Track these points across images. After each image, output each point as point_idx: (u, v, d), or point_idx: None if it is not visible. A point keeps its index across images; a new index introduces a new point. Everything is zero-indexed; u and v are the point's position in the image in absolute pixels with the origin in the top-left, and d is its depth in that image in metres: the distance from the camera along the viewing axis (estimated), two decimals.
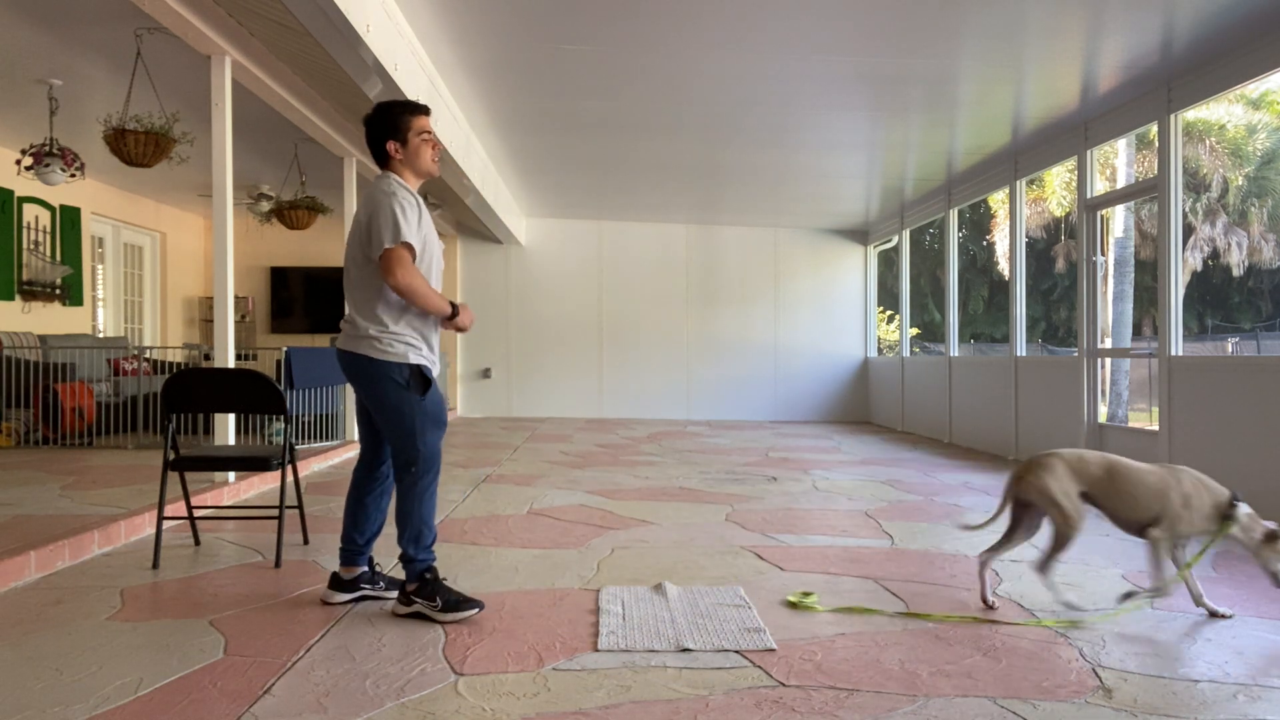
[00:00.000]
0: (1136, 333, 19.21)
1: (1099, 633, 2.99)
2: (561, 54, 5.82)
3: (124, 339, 10.49)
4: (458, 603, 3.06)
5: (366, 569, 3.32)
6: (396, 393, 3.08)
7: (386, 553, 4.06)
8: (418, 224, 3.08)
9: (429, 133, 3.22)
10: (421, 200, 3.19)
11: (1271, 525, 3.15)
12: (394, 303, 3.09)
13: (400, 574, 3.36)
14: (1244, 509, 3.13)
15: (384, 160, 3.20)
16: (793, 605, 3.26)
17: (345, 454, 7.60)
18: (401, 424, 3.10)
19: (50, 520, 4.20)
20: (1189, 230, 20.20)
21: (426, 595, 3.06)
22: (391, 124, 3.17)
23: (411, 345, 3.11)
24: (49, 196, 9.09)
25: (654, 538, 4.45)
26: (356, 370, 3.12)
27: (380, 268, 3.03)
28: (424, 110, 3.23)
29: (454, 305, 3.18)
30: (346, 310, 3.20)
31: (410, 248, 3.02)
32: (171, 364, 9.42)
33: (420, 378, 3.11)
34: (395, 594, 3.25)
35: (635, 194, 10.63)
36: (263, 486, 5.67)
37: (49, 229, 9.17)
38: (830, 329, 12.94)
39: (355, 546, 3.27)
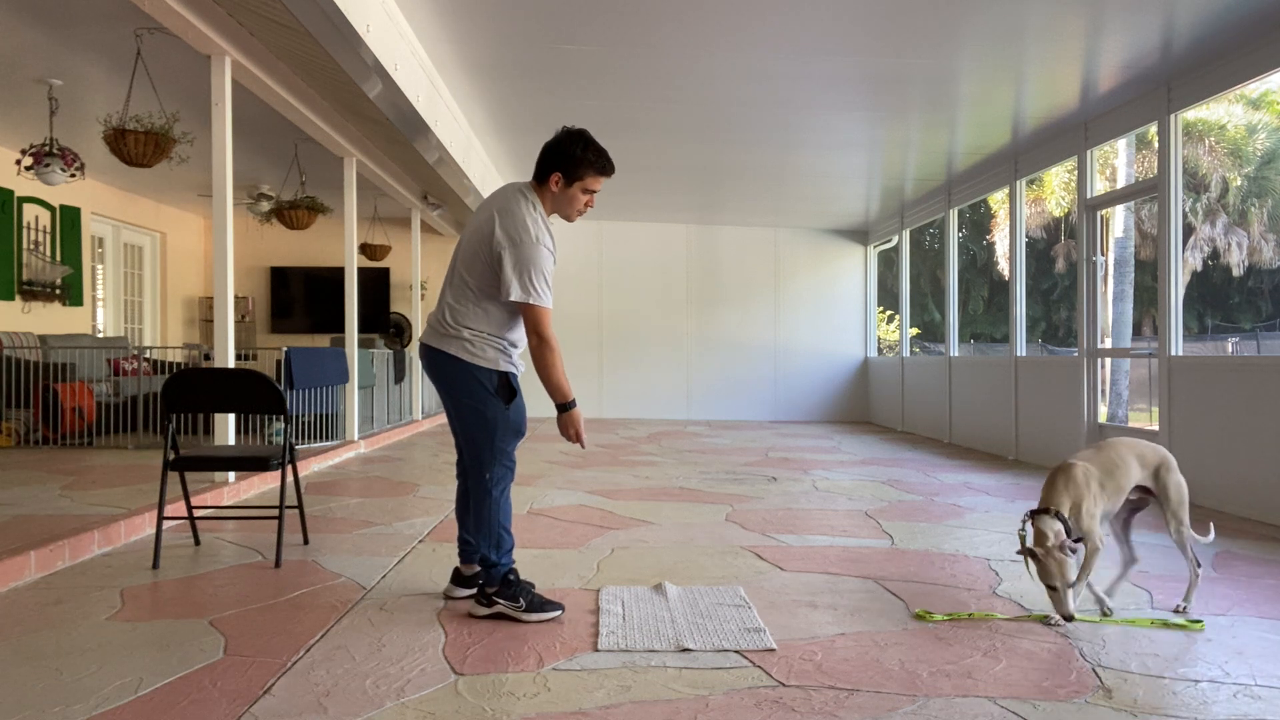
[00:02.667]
0: (1136, 333, 19.22)
1: (1099, 633, 2.99)
2: (561, 54, 5.82)
3: (124, 339, 10.49)
4: (542, 604, 3.07)
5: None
6: (482, 397, 3.06)
7: (445, 560, 4.05)
8: (550, 256, 3.10)
9: (595, 193, 3.21)
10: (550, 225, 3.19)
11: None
12: (494, 314, 3.06)
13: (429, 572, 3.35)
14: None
15: (541, 178, 3.15)
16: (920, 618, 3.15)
17: (345, 454, 7.60)
18: (482, 429, 3.08)
19: (50, 520, 4.20)
20: (1189, 230, 20.20)
21: (510, 596, 3.06)
22: (572, 164, 3.10)
23: (502, 352, 3.09)
24: (49, 196, 9.09)
25: (654, 538, 4.45)
26: (442, 369, 3.09)
27: (526, 318, 3.04)
28: (608, 174, 3.20)
29: (572, 401, 3.10)
30: (438, 306, 3.16)
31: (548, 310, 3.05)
32: (171, 364, 9.42)
33: (507, 385, 3.09)
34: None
35: (635, 194, 10.63)
36: (263, 486, 5.67)
37: (49, 229, 9.17)
38: (830, 329, 12.94)
39: (470, 546, 3.29)
